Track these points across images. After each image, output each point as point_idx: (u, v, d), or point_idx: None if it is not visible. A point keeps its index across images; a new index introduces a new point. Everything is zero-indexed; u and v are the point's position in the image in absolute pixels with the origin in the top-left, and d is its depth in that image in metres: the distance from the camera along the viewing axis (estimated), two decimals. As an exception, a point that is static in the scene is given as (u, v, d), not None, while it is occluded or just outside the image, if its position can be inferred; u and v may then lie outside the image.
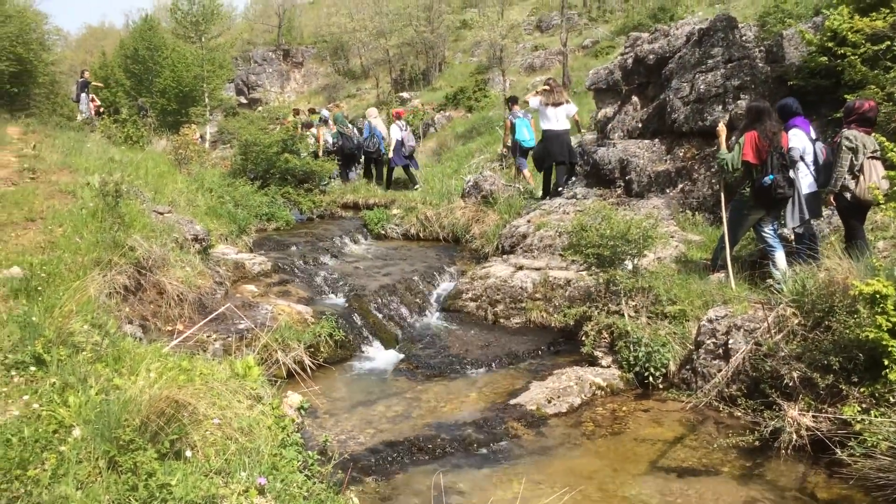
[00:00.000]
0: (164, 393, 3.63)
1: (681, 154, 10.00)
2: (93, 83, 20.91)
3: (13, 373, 4.03)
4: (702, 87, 9.62)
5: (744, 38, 9.95)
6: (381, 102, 31.15)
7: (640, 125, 11.02)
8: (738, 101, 9.28)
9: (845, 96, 7.77)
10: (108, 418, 3.47)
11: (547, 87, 11.45)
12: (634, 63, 11.32)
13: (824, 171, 6.80)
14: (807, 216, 6.81)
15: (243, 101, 39.72)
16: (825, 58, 8.53)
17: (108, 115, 17.56)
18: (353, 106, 33.46)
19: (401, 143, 14.29)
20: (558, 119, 11.14)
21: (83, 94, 19.61)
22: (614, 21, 34.36)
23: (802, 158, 6.85)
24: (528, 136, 12.45)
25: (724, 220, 7.19)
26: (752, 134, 6.72)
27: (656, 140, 10.46)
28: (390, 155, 14.49)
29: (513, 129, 12.47)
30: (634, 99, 11.37)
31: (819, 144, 7.02)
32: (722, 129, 7.37)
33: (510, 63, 30.61)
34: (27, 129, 12.22)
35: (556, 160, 11.26)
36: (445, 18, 36.62)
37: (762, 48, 9.77)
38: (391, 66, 37.35)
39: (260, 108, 19.60)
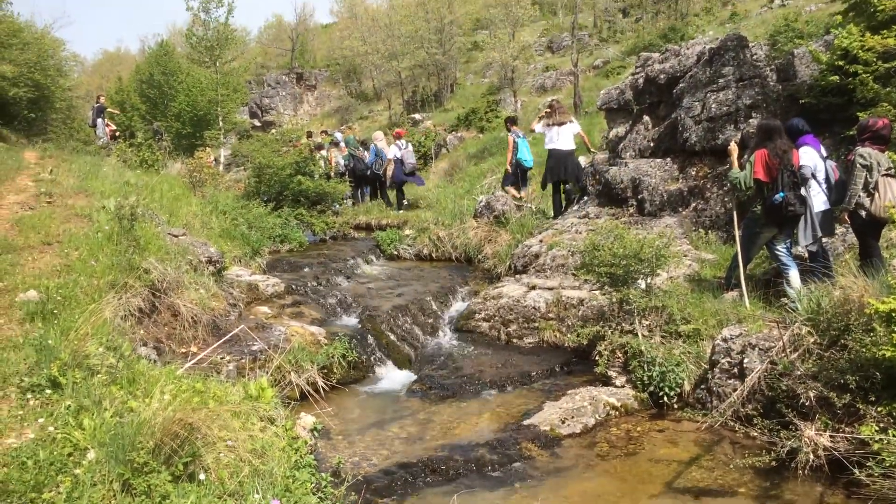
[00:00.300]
0: (177, 415, 3.65)
1: (693, 173, 9.99)
2: (108, 108, 21.20)
3: (29, 396, 4.06)
4: (713, 106, 9.62)
5: (755, 57, 9.96)
6: (393, 124, 31.34)
7: (651, 144, 11.03)
8: (750, 120, 9.27)
9: (858, 114, 7.76)
10: (122, 441, 3.49)
11: (549, 109, 11.58)
12: (645, 83, 11.35)
13: (836, 189, 6.78)
14: (819, 234, 6.78)
15: (257, 124, 40.07)
16: (836, 76, 8.52)
17: (123, 140, 17.79)
18: (365, 128, 33.66)
19: (400, 161, 14.49)
20: (561, 137, 11.23)
21: (99, 119, 19.89)
22: (625, 41, 34.55)
23: (814, 176, 6.84)
24: (527, 156, 12.49)
25: (737, 238, 7.17)
26: (763, 152, 6.72)
27: (668, 159, 10.46)
28: (388, 172, 14.64)
29: (515, 148, 12.49)
30: (646, 118, 11.38)
31: (830, 162, 7.01)
32: (734, 147, 7.37)
33: (521, 84, 30.80)
34: (44, 153, 12.42)
35: (557, 178, 11.36)
36: (457, 40, 36.87)
37: (773, 67, 9.77)
38: (403, 88, 37.64)
39: (273, 131, 19.73)
